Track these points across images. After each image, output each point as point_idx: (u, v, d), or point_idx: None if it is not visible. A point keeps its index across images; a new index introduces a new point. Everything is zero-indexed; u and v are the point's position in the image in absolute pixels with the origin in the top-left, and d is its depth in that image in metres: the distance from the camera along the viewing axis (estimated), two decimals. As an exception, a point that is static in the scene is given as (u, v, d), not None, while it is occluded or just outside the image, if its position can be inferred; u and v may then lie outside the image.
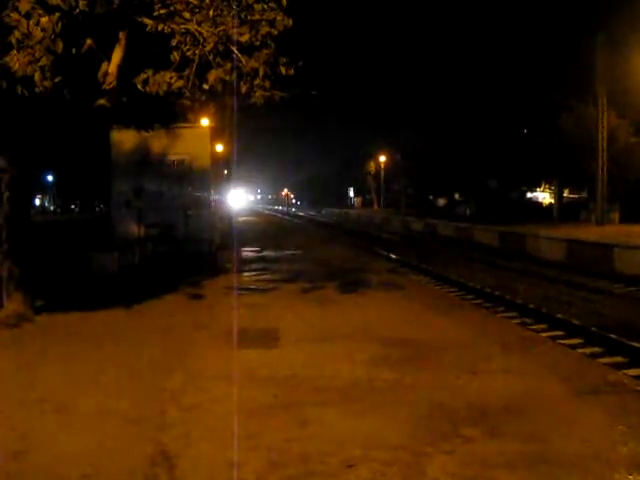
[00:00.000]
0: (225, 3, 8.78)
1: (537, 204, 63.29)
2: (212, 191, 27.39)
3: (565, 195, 49.94)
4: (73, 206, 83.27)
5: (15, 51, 7.76)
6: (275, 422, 5.57)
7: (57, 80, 8.15)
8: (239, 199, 57.20)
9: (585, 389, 6.40)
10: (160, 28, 8.62)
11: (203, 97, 9.83)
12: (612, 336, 10.79)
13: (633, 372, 8.44)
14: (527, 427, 5.38)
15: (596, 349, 10.44)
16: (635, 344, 10.15)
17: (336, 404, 6.03)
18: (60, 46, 7.91)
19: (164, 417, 5.75)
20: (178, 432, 5.37)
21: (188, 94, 9.44)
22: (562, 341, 10.60)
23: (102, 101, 9.40)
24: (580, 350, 10.02)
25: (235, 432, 5.23)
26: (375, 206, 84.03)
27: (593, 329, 11.41)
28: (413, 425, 5.46)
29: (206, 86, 9.31)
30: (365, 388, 6.55)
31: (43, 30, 7.71)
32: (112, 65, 9.22)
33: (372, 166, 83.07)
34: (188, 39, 8.95)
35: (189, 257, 19.62)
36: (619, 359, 9.81)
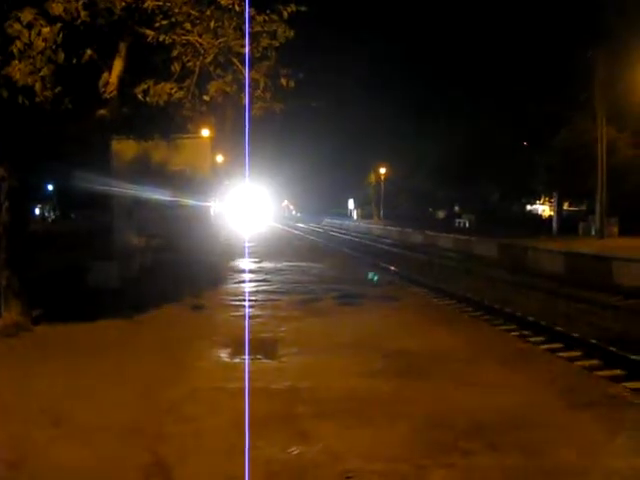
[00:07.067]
0: (226, 15, 8.82)
1: (537, 217, 63.35)
2: (213, 201, 27.45)
3: (565, 208, 49.97)
4: (73, 215, 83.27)
5: (17, 61, 7.79)
6: (273, 434, 5.54)
7: (58, 90, 8.17)
8: (246, 211, 56.28)
9: (584, 402, 6.37)
10: (161, 39, 8.66)
11: (203, 108, 9.84)
12: (611, 349, 10.77)
13: (633, 385, 8.42)
14: (527, 440, 5.34)
15: (595, 362, 10.44)
16: (634, 357, 10.13)
17: (335, 416, 6.00)
18: (61, 56, 7.94)
19: (162, 429, 5.72)
20: (176, 444, 5.34)
21: (188, 105, 9.46)
22: (561, 354, 10.59)
23: (103, 111, 9.42)
24: (579, 363, 10.00)
25: (233, 444, 5.21)
26: (375, 217, 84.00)
27: (592, 341, 11.40)
28: (412, 437, 5.43)
29: (206, 97, 9.34)
30: (364, 400, 6.51)
31: (44, 40, 7.74)
32: (113, 75, 9.24)
33: (372, 178, 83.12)
34: (189, 50, 8.99)
35: (190, 267, 19.59)
36: (618, 372, 9.80)
